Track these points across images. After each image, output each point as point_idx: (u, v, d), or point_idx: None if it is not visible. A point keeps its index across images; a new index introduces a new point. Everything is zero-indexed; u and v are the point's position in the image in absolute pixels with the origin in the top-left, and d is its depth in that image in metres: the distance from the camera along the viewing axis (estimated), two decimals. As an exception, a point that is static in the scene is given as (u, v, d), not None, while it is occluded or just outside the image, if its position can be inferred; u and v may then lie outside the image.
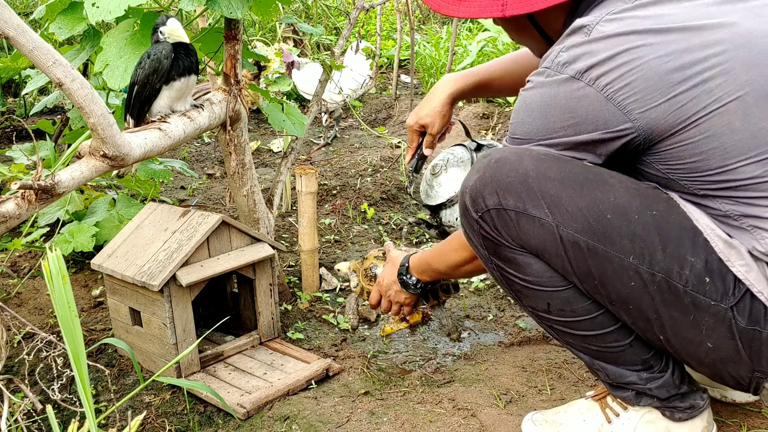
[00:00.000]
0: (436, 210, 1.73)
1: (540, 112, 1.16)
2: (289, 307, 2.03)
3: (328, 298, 2.11)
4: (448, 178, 1.65)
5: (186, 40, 1.51)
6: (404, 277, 1.62)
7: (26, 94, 3.89)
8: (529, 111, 1.18)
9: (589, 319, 1.23)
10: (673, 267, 1.11)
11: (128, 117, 1.61)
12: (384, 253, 1.77)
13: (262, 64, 1.96)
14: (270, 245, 1.77)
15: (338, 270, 1.92)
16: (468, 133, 1.76)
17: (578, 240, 1.14)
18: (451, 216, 1.64)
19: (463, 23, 6.11)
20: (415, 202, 2.86)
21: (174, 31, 1.50)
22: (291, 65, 3.52)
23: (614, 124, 1.10)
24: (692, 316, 1.13)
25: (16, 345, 1.81)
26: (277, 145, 3.81)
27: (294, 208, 2.80)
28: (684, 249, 1.12)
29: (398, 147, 3.58)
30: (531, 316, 1.31)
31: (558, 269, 1.19)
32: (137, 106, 1.57)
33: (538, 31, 1.30)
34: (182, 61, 1.53)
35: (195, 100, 1.67)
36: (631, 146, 1.13)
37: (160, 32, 1.51)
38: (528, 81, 1.20)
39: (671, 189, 1.17)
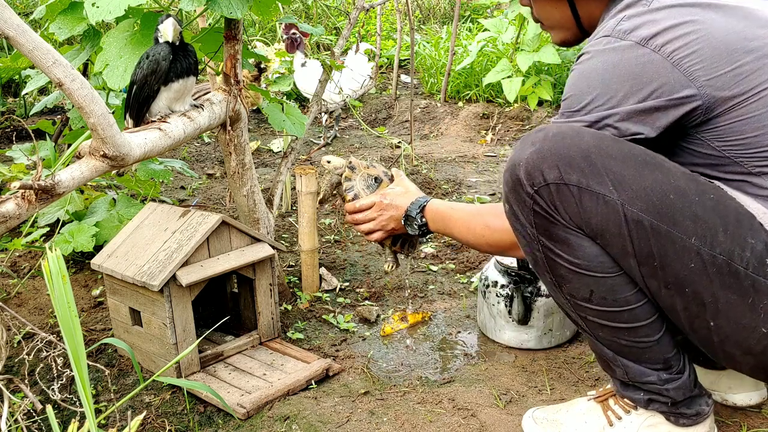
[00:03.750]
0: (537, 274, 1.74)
1: (601, 80, 1.14)
2: (289, 307, 2.03)
3: (328, 298, 2.11)
4: None
5: (170, 39, 1.50)
6: (414, 213, 1.52)
7: (26, 94, 3.89)
8: (589, 79, 1.16)
9: (627, 311, 1.20)
10: (735, 249, 1.10)
11: (128, 117, 1.61)
12: (392, 176, 1.67)
13: (262, 65, 1.96)
14: (270, 245, 1.77)
15: (329, 162, 1.70)
16: None
17: (642, 219, 1.11)
18: None
19: (463, 23, 6.11)
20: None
21: (164, 30, 1.50)
22: (293, 42, 3.50)
23: (680, 89, 1.10)
24: (750, 299, 1.11)
25: (16, 345, 1.81)
26: (277, 145, 3.81)
27: (294, 208, 2.80)
28: (743, 230, 1.11)
29: (398, 147, 3.58)
30: (564, 305, 1.26)
31: (615, 251, 1.15)
32: (136, 106, 1.57)
33: (573, 15, 1.29)
34: (180, 62, 1.53)
35: (195, 100, 1.67)
36: (692, 117, 1.13)
37: (158, 30, 1.51)
38: (583, 53, 1.18)
39: (722, 171, 1.17)
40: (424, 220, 1.52)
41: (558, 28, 1.36)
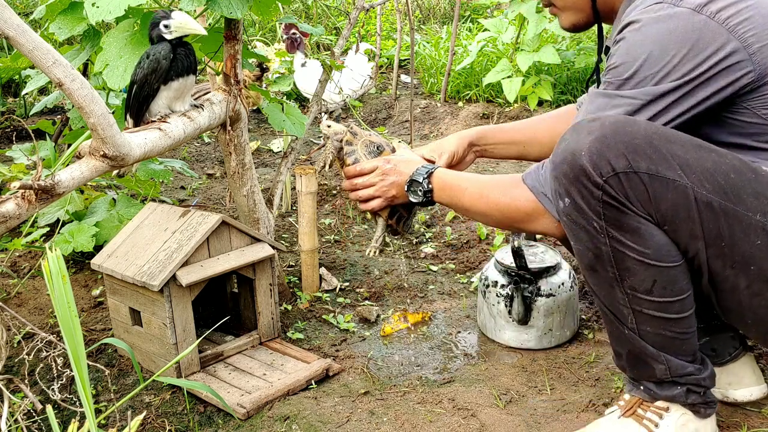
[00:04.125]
0: (536, 274, 1.76)
1: (659, 47, 1.14)
2: (289, 307, 2.03)
3: (328, 298, 2.11)
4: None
5: (203, 31, 1.48)
6: (420, 178, 1.43)
7: (26, 94, 3.89)
8: (643, 47, 1.15)
9: (679, 301, 1.19)
10: None
11: (128, 117, 1.61)
12: (393, 147, 1.60)
13: (265, 65, 1.96)
14: (270, 245, 1.77)
15: (329, 126, 1.60)
16: None
17: (711, 200, 1.12)
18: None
19: (463, 23, 6.11)
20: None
21: (185, 23, 1.46)
22: (293, 42, 3.51)
23: (735, 54, 1.13)
24: None
25: (16, 345, 1.81)
26: (277, 145, 3.81)
27: (294, 208, 2.80)
28: None
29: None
30: (619, 300, 1.22)
31: (683, 235, 1.14)
32: (136, 106, 1.57)
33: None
34: (181, 61, 1.53)
35: (195, 100, 1.67)
36: (742, 84, 1.15)
37: (164, 26, 1.48)
38: (632, 22, 1.17)
39: (764, 141, 1.18)
40: (430, 186, 1.43)
41: (571, 9, 1.35)
